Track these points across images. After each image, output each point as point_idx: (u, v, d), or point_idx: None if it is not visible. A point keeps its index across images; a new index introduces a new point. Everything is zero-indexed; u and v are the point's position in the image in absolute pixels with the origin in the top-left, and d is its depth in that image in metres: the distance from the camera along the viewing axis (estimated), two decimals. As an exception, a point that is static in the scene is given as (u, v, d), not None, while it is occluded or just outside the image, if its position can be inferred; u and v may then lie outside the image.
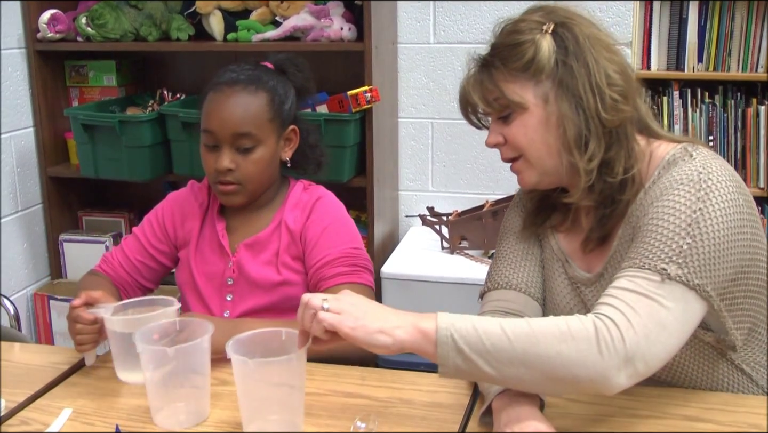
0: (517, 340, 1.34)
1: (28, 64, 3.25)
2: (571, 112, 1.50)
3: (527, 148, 1.55)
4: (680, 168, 1.49)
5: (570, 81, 1.51)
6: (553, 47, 1.52)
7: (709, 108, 3.16)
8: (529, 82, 1.53)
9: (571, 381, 1.35)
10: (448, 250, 3.05)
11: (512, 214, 1.81)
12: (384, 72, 3.10)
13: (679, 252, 1.40)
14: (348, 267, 1.88)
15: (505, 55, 1.54)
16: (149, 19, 3.17)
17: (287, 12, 3.07)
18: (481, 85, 1.57)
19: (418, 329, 1.37)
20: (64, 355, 1.81)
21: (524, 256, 1.74)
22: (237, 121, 1.85)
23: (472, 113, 1.64)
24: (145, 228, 2.02)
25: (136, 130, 3.03)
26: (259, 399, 1.44)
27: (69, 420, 1.53)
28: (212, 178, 1.90)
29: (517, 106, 1.53)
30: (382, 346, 1.37)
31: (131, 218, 3.50)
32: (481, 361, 1.34)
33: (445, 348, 1.35)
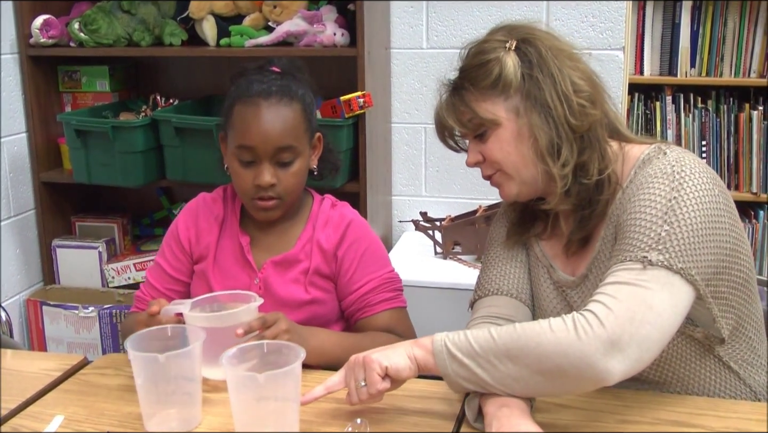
0: (500, 338, 1.40)
1: (20, 70, 3.24)
2: (541, 121, 1.55)
3: (504, 161, 1.60)
4: (654, 165, 1.53)
5: (537, 92, 1.56)
6: (517, 62, 1.58)
7: (702, 113, 3.17)
8: (498, 99, 1.58)
9: (559, 373, 1.37)
10: (441, 255, 3.05)
11: (497, 225, 1.85)
12: (377, 77, 3.10)
13: (657, 240, 1.43)
14: (390, 292, 1.92)
15: (473, 76, 1.60)
16: (142, 25, 3.17)
17: (280, 17, 3.07)
18: (454, 109, 1.63)
19: (420, 345, 1.47)
20: (56, 361, 1.81)
21: (512, 262, 1.78)
22: (278, 135, 1.81)
23: (449, 137, 1.69)
24: (165, 254, 1.98)
25: (129, 136, 3.03)
26: (255, 412, 1.42)
27: (60, 427, 1.53)
28: (250, 193, 1.84)
29: (491, 123, 1.58)
30: (407, 370, 1.47)
31: (124, 223, 3.50)
32: (473, 364, 1.41)
33: (441, 355, 1.44)
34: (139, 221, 3.61)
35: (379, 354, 1.48)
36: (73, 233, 3.50)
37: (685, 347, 1.58)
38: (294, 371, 1.40)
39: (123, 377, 1.71)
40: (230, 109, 1.86)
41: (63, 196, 3.44)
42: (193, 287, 1.96)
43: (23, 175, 3.30)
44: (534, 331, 1.39)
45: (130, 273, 3.31)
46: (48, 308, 3.27)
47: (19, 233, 3.30)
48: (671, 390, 1.62)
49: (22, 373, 1.77)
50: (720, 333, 1.54)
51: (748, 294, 1.60)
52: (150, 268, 2.01)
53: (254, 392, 1.39)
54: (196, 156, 3.03)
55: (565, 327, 1.37)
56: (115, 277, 3.32)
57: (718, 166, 3.19)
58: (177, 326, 1.58)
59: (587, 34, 3.10)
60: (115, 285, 3.33)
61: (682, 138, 3.20)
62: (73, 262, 3.37)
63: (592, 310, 1.38)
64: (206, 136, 2.95)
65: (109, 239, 3.42)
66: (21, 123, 3.28)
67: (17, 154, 3.26)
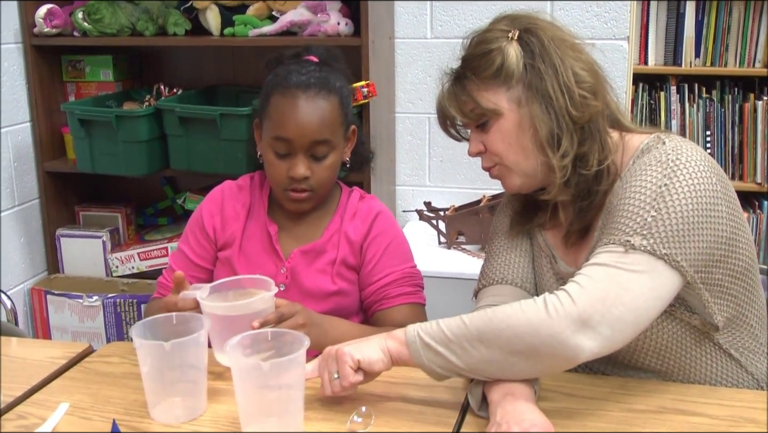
0: (472, 323, 1.43)
1: (24, 59, 3.24)
2: (542, 112, 1.55)
3: (505, 153, 1.60)
4: (652, 154, 1.53)
5: (539, 83, 1.56)
6: (519, 53, 1.57)
7: (707, 103, 3.16)
8: (500, 89, 1.58)
9: (531, 352, 1.39)
10: (445, 245, 3.05)
11: (501, 215, 1.85)
12: (381, 67, 3.10)
13: (643, 225, 1.44)
14: (410, 287, 1.91)
15: (476, 66, 1.60)
16: (146, 14, 3.17)
17: (284, 7, 3.06)
18: (456, 98, 1.62)
19: (394, 337, 1.49)
20: (62, 349, 1.81)
21: (516, 252, 1.77)
22: (315, 129, 1.80)
23: (451, 126, 1.68)
24: (189, 241, 1.96)
25: (133, 125, 3.03)
26: (259, 400, 1.43)
27: (66, 415, 1.53)
28: (283, 184, 1.84)
29: (492, 114, 1.58)
30: (380, 363, 1.49)
31: (128, 212, 3.50)
32: (447, 351, 1.43)
33: (415, 346, 1.46)
34: (143, 211, 3.61)
35: (351, 347, 1.49)
36: (77, 222, 3.50)
37: (684, 334, 1.58)
38: (298, 359, 1.40)
39: (128, 365, 1.71)
40: (267, 99, 1.85)
41: (67, 185, 3.44)
42: (217, 274, 1.94)
43: (27, 164, 3.30)
44: (505, 313, 1.41)
45: (134, 262, 3.32)
46: (52, 297, 3.28)
47: (24, 222, 3.31)
48: (674, 379, 1.62)
49: (27, 361, 1.77)
50: (713, 320, 1.54)
51: (750, 283, 1.60)
52: (173, 254, 2.01)
53: (259, 381, 1.39)
54: (199, 145, 3.03)
55: (536, 306, 1.39)
56: (119, 266, 3.33)
57: (723, 157, 3.19)
58: (182, 314, 1.57)
59: (591, 23, 3.09)
60: (119, 274, 3.33)
61: (686, 128, 3.19)
62: (77, 251, 3.38)
63: (565, 289, 1.40)
64: (210, 125, 2.96)
65: (113, 228, 3.42)
66: (25, 112, 3.28)
67: (21, 143, 3.26)
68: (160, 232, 3.47)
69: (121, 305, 3.21)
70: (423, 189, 3.41)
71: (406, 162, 3.40)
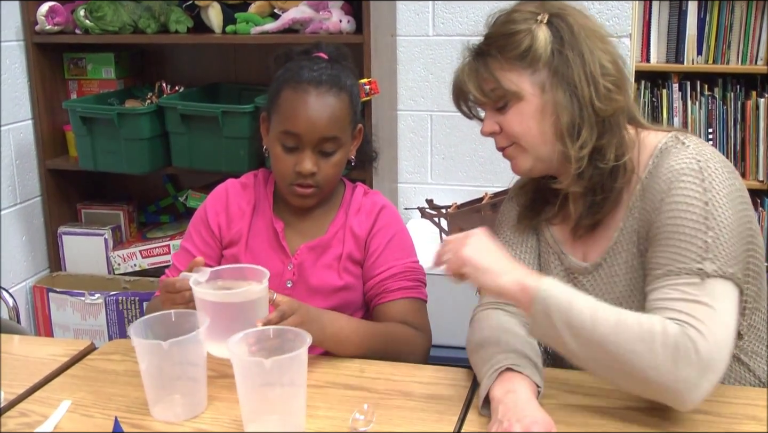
0: (600, 325, 1.37)
1: (26, 57, 3.24)
2: (566, 100, 1.53)
3: (522, 136, 1.58)
4: (677, 156, 1.51)
5: (565, 70, 1.53)
6: (549, 37, 1.54)
7: (709, 101, 3.16)
8: (525, 72, 1.55)
9: (643, 381, 1.37)
10: (447, 242, 3.04)
11: (507, 208, 1.83)
12: (383, 64, 3.10)
13: (706, 248, 1.42)
14: (411, 282, 1.90)
15: (502, 44, 1.56)
16: (148, 12, 3.17)
17: (286, 4, 3.06)
18: (476, 74, 1.58)
19: (520, 285, 1.44)
20: (64, 347, 1.81)
21: (521, 248, 1.75)
22: (325, 124, 1.81)
23: (464, 103, 1.66)
24: (193, 238, 1.95)
25: (135, 123, 3.03)
26: (261, 398, 1.42)
27: (68, 412, 1.53)
28: (289, 179, 1.84)
29: (513, 96, 1.55)
30: (484, 286, 1.48)
31: (130, 210, 3.50)
32: (566, 333, 1.40)
33: (538, 309, 1.41)
34: (144, 208, 3.61)
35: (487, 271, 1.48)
36: (79, 220, 3.50)
37: None
38: (300, 356, 1.40)
39: (130, 363, 1.71)
40: (277, 93, 1.85)
41: (69, 183, 3.44)
42: None
43: (29, 162, 3.30)
44: (634, 332, 1.36)
45: (135, 260, 3.32)
46: (54, 295, 3.28)
47: (26, 220, 3.31)
48: None
49: (30, 358, 1.78)
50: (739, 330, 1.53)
51: (759, 286, 1.60)
52: (176, 253, 2.00)
53: (260, 378, 1.39)
54: (202, 143, 3.03)
55: (665, 351, 1.34)
56: (120, 264, 3.33)
57: (725, 154, 3.17)
58: (181, 312, 1.57)
59: (594, 21, 3.09)
60: (121, 272, 3.34)
61: (688, 126, 3.19)
62: (79, 249, 3.38)
63: (687, 332, 1.35)
64: (212, 123, 2.96)
65: (114, 226, 3.42)
66: (27, 110, 3.28)
67: (23, 141, 3.26)
68: (162, 229, 3.47)
69: (123, 302, 3.21)
70: (425, 186, 3.40)
71: (408, 159, 3.40)
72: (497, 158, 3.21)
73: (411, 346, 1.82)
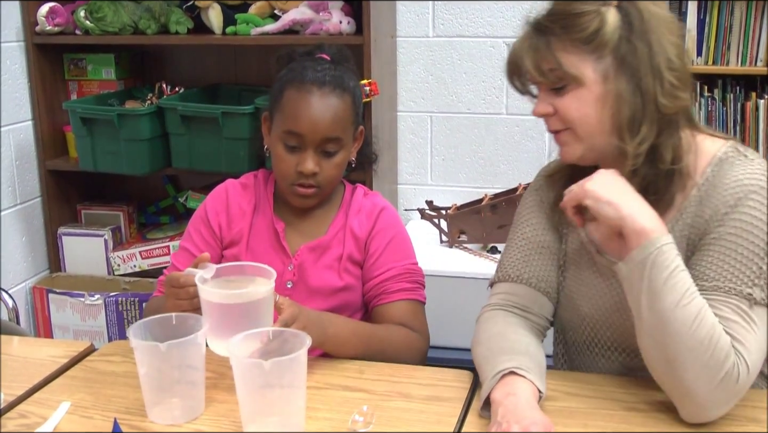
0: (681, 310, 1.36)
1: (26, 58, 3.24)
2: (629, 93, 1.45)
3: (579, 122, 1.50)
4: (743, 170, 1.48)
5: (632, 60, 1.45)
6: (618, 21, 1.45)
7: (708, 102, 3.16)
8: (590, 56, 1.46)
9: (678, 379, 1.38)
10: (447, 244, 3.05)
11: (529, 200, 1.76)
12: (383, 66, 3.10)
13: (759, 274, 1.42)
14: (410, 283, 1.89)
15: (567, 24, 1.46)
16: (148, 13, 3.17)
17: (286, 5, 3.06)
18: (536, 52, 1.49)
19: (639, 225, 1.39)
20: (63, 348, 1.81)
21: (538, 248, 1.70)
22: (328, 125, 1.81)
23: (518, 79, 1.56)
24: (194, 238, 1.94)
25: (135, 124, 3.03)
26: (260, 400, 1.42)
27: (67, 414, 1.53)
28: (290, 179, 1.84)
29: (573, 80, 1.47)
30: (605, 217, 1.41)
31: (130, 211, 3.50)
32: (647, 294, 1.38)
33: (639, 256, 1.38)
34: (144, 209, 3.61)
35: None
36: (79, 220, 3.50)
37: None
38: (299, 358, 1.39)
39: (129, 364, 1.70)
40: (280, 93, 1.85)
41: (69, 184, 3.44)
42: None
43: (29, 163, 3.30)
44: (701, 339, 1.35)
45: (135, 261, 3.32)
46: (54, 296, 3.28)
47: (25, 220, 3.31)
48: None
49: (29, 359, 1.77)
50: None
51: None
52: (175, 253, 1.99)
53: (260, 379, 1.39)
54: (202, 144, 3.04)
55: (715, 367, 1.35)
56: (120, 265, 3.33)
57: (725, 156, 3.18)
58: (181, 314, 1.56)
59: (594, 22, 3.09)
60: (120, 273, 3.34)
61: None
62: (79, 250, 3.38)
63: (739, 365, 1.36)
64: (212, 124, 2.96)
65: (114, 227, 3.42)
66: (27, 111, 3.28)
67: (23, 142, 3.26)
68: (162, 230, 3.47)
69: (123, 303, 3.21)
70: (425, 188, 3.41)
71: (408, 161, 3.40)
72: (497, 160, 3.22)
73: (409, 348, 1.82)
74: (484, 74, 3.22)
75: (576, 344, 1.72)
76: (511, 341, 1.56)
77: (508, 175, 3.26)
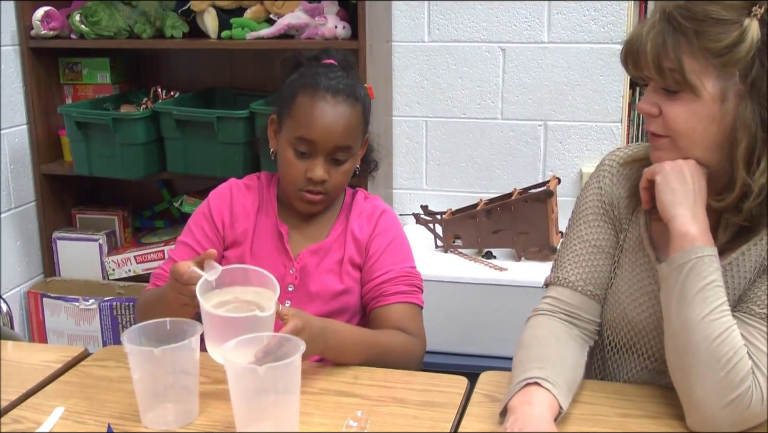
0: (708, 325, 1.35)
1: (21, 62, 3.23)
2: (752, 122, 1.36)
3: (682, 135, 1.42)
4: None
5: (762, 87, 1.34)
6: (757, 38, 1.33)
7: None
8: (714, 70, 1.36)
9: (690, 387, 1.38)
10: (442, 248, 3.04)
11: (589, 193, 1.68)
12: (378, 70, 3.10)
13: None
14: (408, 286, 1.89)
15: (703, 29, 1.35)
16: (143, 17, 3.17)
17: (281, 10, 3.06)
18: (661, 48, 1.38)
19: (686, 229, 1.39)
20: (57, 353, 1.81)
21: (592, 249, 1.65)
22: (340, 134, 1.82)
23: (633, 64, 1.45)
24: (195, 234, 1.92)
25: (130, 128, 3.03)
26: (255, 405, 1.42)
27: (61, 419, 1.53)
28: (299, 184, 1.84)
29: (690, 88, 1.38)
30: (661, 203, 1.42)
31: (125, 215, 3.50)
32: (677, 299, 1.38)
33: (680, 259, 1.38)
34: (139, 214, 3.61)
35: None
36: (74, 225, 3.49)
37: None
38: (294, 363, 1.39)
39: (124, 369, 1.70)
40: (292, 97, 1.85)
41: (64, 188, 3.43)
42: None
43: (24, 167, 3.30)
44: (721, 355, 1.34)
45: (130, 265, 3.31)
46: (48, 300, 3.27)
47: (20, 224, 3.30)
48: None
49: (23, 364, 1.77)
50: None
51: None
52: (173, 250, 1.95)
53: (254, 385, 1.39)
54: (197, 148, 3.03)
55: (737, 381, 1.34)
56: (115, 269, 3.32)
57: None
58: (176, 319, 1.55)
59: (589, 27, 3.09)
60: (115, 277, 3.33)
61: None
62: (74, 254, 3.37)
63: (753, 391, 1.36)
64: (207, 128, 2.96)
65: (109, 231, 3.41)
66: (22, 115, 3.27)
67: (18, 146, 3.26)
68: (157, 235, 3.47)
69: (118, 308, 3.20)
70: (420, 192, 3.40)
71: (404, 165, 3.40)
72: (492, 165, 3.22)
73: (408, 353, 1.82)
74: (479, 79, 3.22)
75: (612, 345, 1.67)
76: (549, 349, 1.54)
77: (503, 180, 3.26)
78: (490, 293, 2.74)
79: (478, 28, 3.19)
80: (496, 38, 3.19)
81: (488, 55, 3.20)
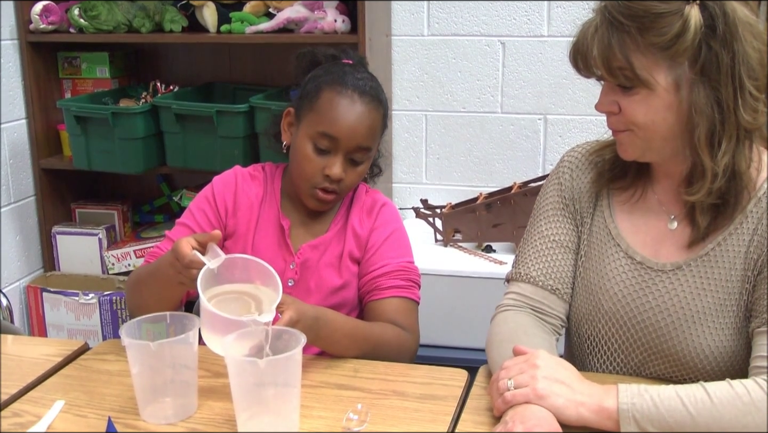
0: (699, 415, 1.30)
1: (20, 56, 3.23)
2: (708, 106, 1.37)
3: (643, 128, 1.43)
4: None
5: (712, 70, 1.35)
6: (700, 24, 1.34)
7: None
8: (664, 62, 1.37)
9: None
10: (442, 242, 3.05)
11: (549, 189, 1.69)
12: (378, 64, 3.09)
13: None
14: (404, 281, 1.88)
15: (646, 25, 1.35)
16: (142, 11, 3.16)
17: (281, 4, 3.06)
18: (607, 49, 1.39)
19: (600, 409, 1.34)
20: (57, 347, 1.81)
21: (551, 244, 1.65)
22: (363, 134, 1.81)
23: (583, 63, 1.46)
24: (196, 216, 1.89)
25: (129, 122, 3.02)
26: (255, 398, 1.42)
27: (61, 412, 1.53)
28: (314, 180, 1.82)
29: (643, 84, 1.39)
30: (566, 419, 1.36)
31: (124, 210, 3.50)
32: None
33: (628, 428, 1.32)
34: (139, 208, 3.61)
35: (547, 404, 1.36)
36: (73, 219, 3.49)
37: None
38: (294, 356, 1.39)
39: (124, 363, 1.69)
40: (317, 92, 1.83)
41: (63, 182, 3.44)
42: None
43: (23, 161, 3.30)
44: (737, 409, 1.30)
45: (130, 260, 3.31)
46: (48, 295, 3.28)
47: (19, 219, 3.30)
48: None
49: (23, 358, 1.77)
50: None
51: None
52: (171, 231, 1.90)
53: (254, 378, 1.39)
54: (196, 143, 3.03)
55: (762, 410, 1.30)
56: (115, 264, 3.33)
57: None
58: (175, 314, 1.56)
59: (589, 21, 3.09)
60: (115, 272, 3.33)
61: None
62: (73, 249, 3.37)
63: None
64: (207, 122, 2.95)
65: (109, 225, 3.42)
66: (21, 109, 3.27)
67: (17, 140, 3.26)
68: (157, 229, 3.47)
69: (117, 302, 3.20)
70: (420, 186, 3.40)
71: (403, 159, 3.40)
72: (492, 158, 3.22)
73: (400, 347, 1.81)
74: (479, 73, 3.22)
75: (591, 340, 1.65)
76: (525, 341, 1.53)
77: (503, 174, 3.26)
78: (490, 286, 2.74)
79: (478, 22, 3.19)
80: (495, 32, 3.18)
81: (488, 48, 3.20)
